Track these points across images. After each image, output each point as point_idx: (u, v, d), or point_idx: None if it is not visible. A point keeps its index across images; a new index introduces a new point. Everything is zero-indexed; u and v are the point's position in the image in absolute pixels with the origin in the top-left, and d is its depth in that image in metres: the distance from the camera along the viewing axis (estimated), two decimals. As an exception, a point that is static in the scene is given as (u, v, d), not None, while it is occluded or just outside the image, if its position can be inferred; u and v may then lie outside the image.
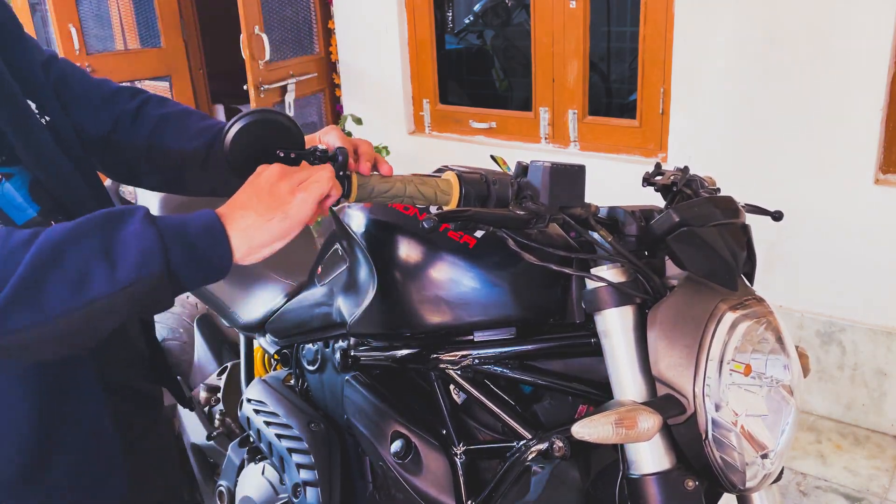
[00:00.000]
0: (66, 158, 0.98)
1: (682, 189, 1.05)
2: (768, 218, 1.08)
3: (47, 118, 0.98)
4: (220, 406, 1.78)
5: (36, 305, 0.67)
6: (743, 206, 1.01)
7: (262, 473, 1.43)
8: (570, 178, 0.91)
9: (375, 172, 0.95)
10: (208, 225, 0.77)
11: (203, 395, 1.80)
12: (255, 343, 1.65)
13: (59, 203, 0.95)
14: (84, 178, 1.01)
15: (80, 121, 1.07)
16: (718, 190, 1.10)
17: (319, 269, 1.37)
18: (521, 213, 0.88)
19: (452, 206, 0.92)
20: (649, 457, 0.88)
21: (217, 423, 1.77)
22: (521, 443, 1.01)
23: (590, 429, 0.82)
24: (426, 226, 0.84)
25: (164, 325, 1.98)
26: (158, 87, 4.28)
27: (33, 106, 0.97)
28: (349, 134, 3.55)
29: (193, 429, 1.79)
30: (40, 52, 1.07)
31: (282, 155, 0.87)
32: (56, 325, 0.69)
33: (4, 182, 0.91)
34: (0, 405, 0.90)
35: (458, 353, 1.05)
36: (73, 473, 0.97)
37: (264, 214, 0.78)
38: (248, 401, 1.43)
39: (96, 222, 0.72)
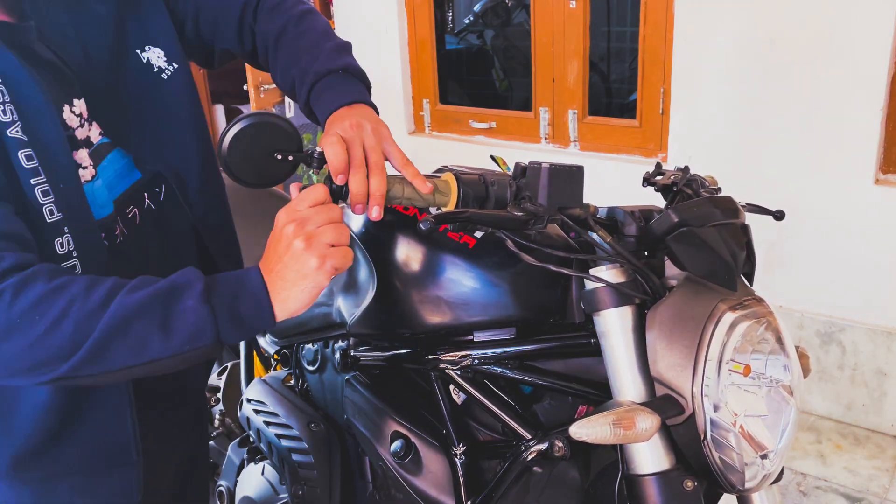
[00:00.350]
0: (175, 116, 1.03)
1: (682, 189, 1.05)
2: (768, 218, 1.08)
3: (174, 65, 1.03)
4: (220, 406, 1.78)
5: (101, 364, 0.78)
6: (744, 206, 1.01)
7: (262, 473, 1.43)
8: (568, 178, 0.91)
9: None
10: (257, 299, 0.82)
11: (203, 395, 1.80)
12: (256, 343, 1.65)
13: (158, 172, 1.02)
14: (192, 137, 1.05)
15: (227, 46, 1.12)
16: (720, 190, 1.10)
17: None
18: (520, 214, 0.88)
19: (451, 207, 0.92)
20: (648, 457, 0.88)
21: (217, 423, 1.77)
22: (521, 443, 1.01)
23: (587, 429, 0.82)
24: (423, 228, 0.84)
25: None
26: (159, 88, 4.25)
27: (159, 53, 1.01)
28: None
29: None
30: None
31: (279, 158, 0.87)
32: (114, 376, 0.81)
33: (95, 181, 0.95)
34: None
35: (457, 353, 1.05)
36: (86, 454, 0.98)
37: (296, 284, 0.82)
38: (248, 401, 1.43)
39: (159, 296, 0.79)
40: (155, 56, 1.01)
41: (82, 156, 0.93)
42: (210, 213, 1.12)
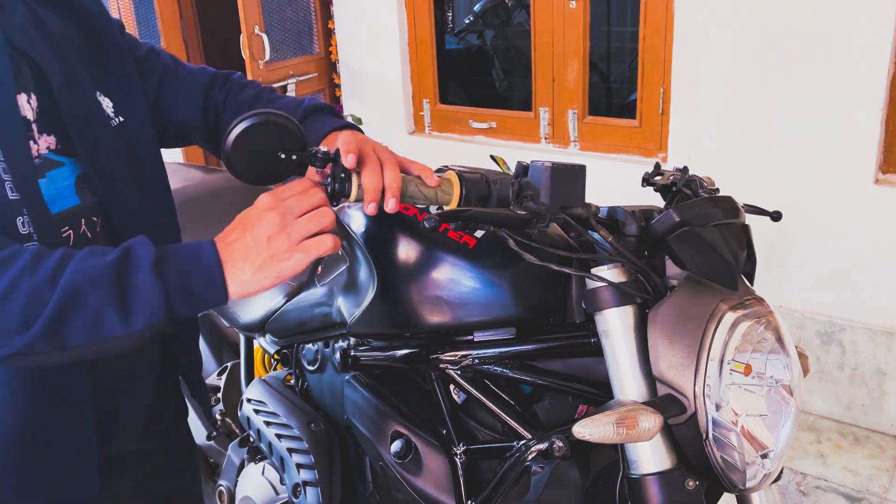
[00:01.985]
0: (126, 161, 1.01)
1: (681, 189, 1.05)
2: (768, 218, 1.08)
3: (120, 118, 1.02)
4: (220, 406, 1.78)
5: (58, 339, 0.76)
6: (742, 207, 1.01)
7: (262, 473, 1.43)
8: (570, 177, 0.91)
9: None
10: (209, 275, 0.81)
11: (203, 395, 1.80)
12: (255, 343, 1.65)
13: (102, 201, 0.99)
14: (145, 183, 1.04)
15: (187, 119, 1.13)
16: (717, 190, 1.10)
17: (319, 269, 1.37)
18: (522, 212, 0.88)
19: (453, 205, 0.92)
20: (650, 456, 0.88)
21: (217, 423, 1.77)
22: (521, 443, 1.01)
23: (591, 429, 0.82)
24: (427, 225, 0.84)
25: (164, 325, 1.97)
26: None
27: (108, 103, 1.00)
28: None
29: (193, 429, 1.79)
30: (136, 47, 1.09)
31: (283, 157, 0.87)
32: (70, 353, 0.79)
33: (55, 170, 0.93)
34: None
35: (458, 353, 1.05)
36: (49, 474, 0.96)
37: (260, 269, 0.81)
38: (248, 401, 1.43)
39: (110, 267, 0.78)
40: (105, 103, 1.01)
41: (33, 149, 0.92)
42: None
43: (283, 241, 0.81)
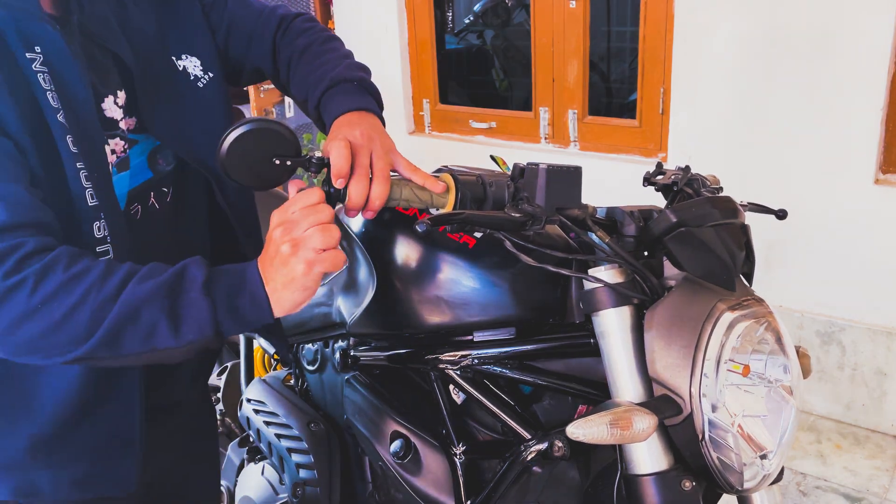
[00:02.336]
0: (212, 116, 1.04)
1: (683, 188, 1.05)
2: (768, 217, 1.08)
3: (210, 74, 1.05)
4: (220, 406, 1.78)
5: (113, 349, 0.82)
6: (747, 206, 1.01)
7: (262, 473, 1.43)
8: (566, 179, 0.91)
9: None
10: (254, 295, 0.84)
11: (203, 395, 1.80)
12: (255, 343, 1.65)
13: (178, 167, 1.03)
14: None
15: (258, 65, 1.16)
16: (721, 189, 1.10)
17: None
18: (517, 215, 0.88)
19: (448, 208, 0.92)
20: (647, 457, 0.88)
21: (217, 423, 1.77)
22: (521, 443, 1.01)
23: (584, 429, 0.82)
24: (420, 229, 0.84)
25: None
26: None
27: (196, 63, 1.04)
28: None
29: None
30: None
31: (278, 163, 0.88)
32: (125, 360, 0.84)
33: (129, 150, 0.98)
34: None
35: (457, 353, 1.05)
36: (94, 442, 1.00)
37: (287, 286, 0.84)
38: (248, 401, 1.44)
39: (166, 286, 0.83)
40: (192, 65, 1.04)
41: (118, 144, 0.96)
42: (240, 201, 1.15)
43: (297, 262, 0.82)
